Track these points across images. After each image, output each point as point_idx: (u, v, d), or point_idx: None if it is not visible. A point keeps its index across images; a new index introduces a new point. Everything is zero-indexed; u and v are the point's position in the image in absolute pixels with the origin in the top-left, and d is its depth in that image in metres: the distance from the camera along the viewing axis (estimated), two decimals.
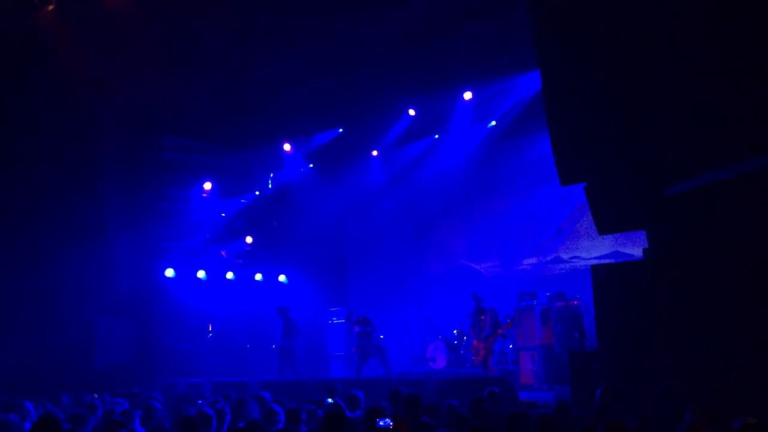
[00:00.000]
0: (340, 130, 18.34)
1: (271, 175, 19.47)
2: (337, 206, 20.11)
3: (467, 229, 18.82)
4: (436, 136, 18.59)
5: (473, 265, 18.66)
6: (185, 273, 17.12)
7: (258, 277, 18.82)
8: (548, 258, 17.43)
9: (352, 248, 21.01)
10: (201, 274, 17.54)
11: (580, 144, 9.16)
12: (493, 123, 17.60)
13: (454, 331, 16.68)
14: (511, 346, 14.99)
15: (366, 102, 16.31)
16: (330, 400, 8.71)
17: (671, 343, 8.51)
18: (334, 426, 5.92)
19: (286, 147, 18.53)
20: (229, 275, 18.24)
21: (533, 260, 17.67)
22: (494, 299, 14.75)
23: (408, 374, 15.33)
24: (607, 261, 14.92)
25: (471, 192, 18.56)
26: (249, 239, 18.76)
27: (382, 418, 5.76)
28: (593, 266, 9.55)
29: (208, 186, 17.72)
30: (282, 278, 19.25)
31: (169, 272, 16.75)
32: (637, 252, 13.77)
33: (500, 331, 13.42)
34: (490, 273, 18.30)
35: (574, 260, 16.95)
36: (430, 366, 16.19)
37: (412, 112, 17.34)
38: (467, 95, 16.32)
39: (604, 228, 9.60)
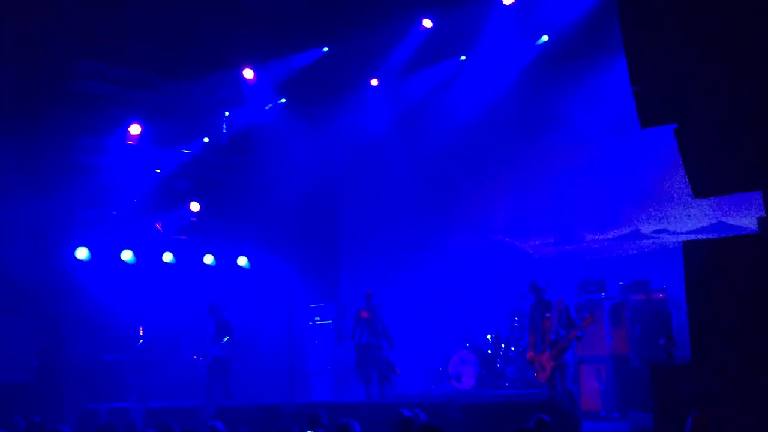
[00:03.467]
0: (326, 49, 18.22)
1: (227, 114, 19.39)
2: (322, 159, 20.06)
3: (507, 192, 18.76)
4: (463, 58, 18.47)
5: (515, 242, 18.65)
6: (104, 254, 17.16)
7: (208, 259, 18.87)
8: (623, 232, 17.40)
9: (345, 219, 21.01)
10: (127, 255, 17.59)
11: (670, 67, 9.05)
12: (545, 39, 17.46)
13: (488, 337, 16.75)
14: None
15: (362, 8, 16.18)
16: None
17: None
18: None
19: (247, 74, 18.42)
20: (167, 257, 18.29)
21: (601, 235, 17.66)
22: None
23: (423, 396, 15.39)
24: (706, 236, 14.88)
25: (512, 139, 18.45)
26: (195, 206, 18.77)
27: None
28: (686, 243, 9.50)
29: (136, 130, 17.66)
30: (242, 261, 19.28)
31: (82, 253, 16.79)
32: (749, 223, 13.72)
33: (574, 332, 13.41)
34: (540, 253, 18.29)
35: (659, 235, 16.91)
36: (454, 385, 16.30)
37: (428, 22, 17.18)
38: None
39: (702, 189, 9.52)
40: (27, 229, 16.07)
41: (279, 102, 19.61)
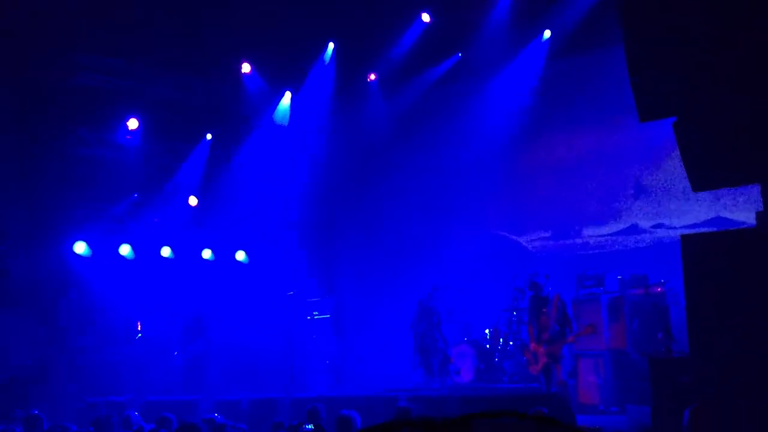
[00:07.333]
0: (331, 45, 18.30)
1: (226, 108, 19.35)
2: (322, 153, 20.05)
3: (506, 187, 18.75)
4: (460, 55, 18.45)
5: (514, 237, 18.65)
6: (103, 249, 17.16)
7: (207, 254, 18.85)
8: (621, 226, 17.42)
9: (343, 215, 20.98)
10: (125, 250, 17.59)
11: (669, 61, 9.05)
12: (547, 34, 17.44)
13: (486, 331, 16.76)
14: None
15: (363, 4, 16.19)
16: (310, 426, 8.81)
17: None
18: None
19: (246, 68, 18.41)
20: (166, 252, 18.28)
21: (599, 230, 17.66)
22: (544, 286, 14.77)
23: (421, 390, 15.40)
24: (705, 230, 14.88)
25: (510, 134, 18.45)
26: (194, 201, 18.75)
27: None
28: (685, 237, 9.50)
29: (134, 124, 17.65)
30: (241, 256, 19.27)
31: (81, 248, 16.79)
32: (748, 217, 13.72)
33: (572, 337, 13.50)
34: (538, 247, 18.29)
35: (658, 229, 16.92)
36: (453, 379, 16.30)
37: (426, 17, 17.15)
38: None
39: (700, 182, 9.53)
40: (25, 225, 16.03)
41: (279, 96, 19.57)
